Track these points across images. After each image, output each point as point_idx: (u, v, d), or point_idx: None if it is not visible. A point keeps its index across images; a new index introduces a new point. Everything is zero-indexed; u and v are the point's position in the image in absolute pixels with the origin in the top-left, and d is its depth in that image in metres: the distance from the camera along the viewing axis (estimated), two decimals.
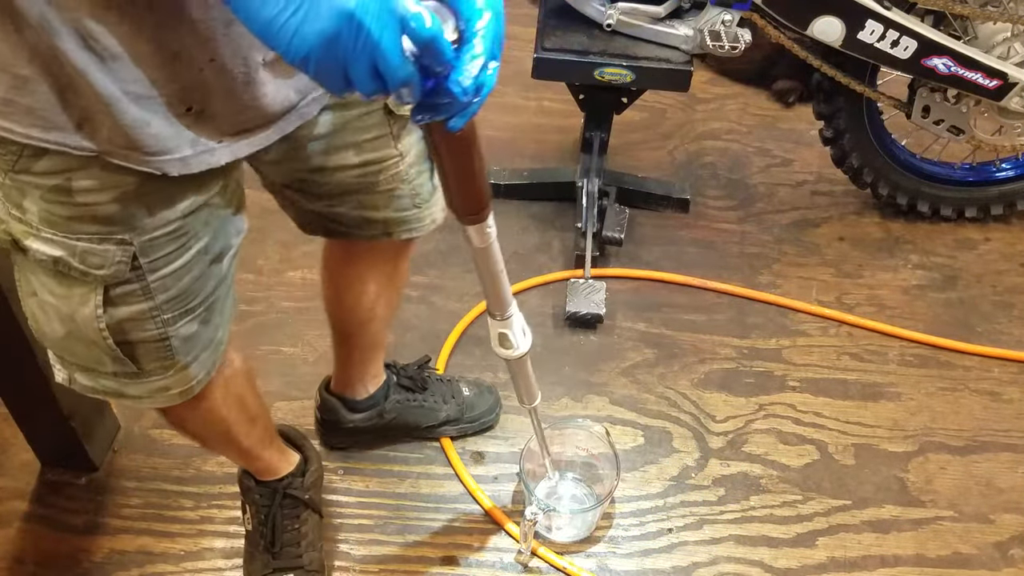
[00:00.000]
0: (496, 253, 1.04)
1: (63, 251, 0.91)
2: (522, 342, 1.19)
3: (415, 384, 1.70)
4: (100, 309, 0.96)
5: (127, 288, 0.96)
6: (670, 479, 1.72)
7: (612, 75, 1.90)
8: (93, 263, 0.93)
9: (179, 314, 1.02)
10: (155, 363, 1.05)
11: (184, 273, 0.99)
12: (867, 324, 2.00)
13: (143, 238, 0.93)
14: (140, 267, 0.95)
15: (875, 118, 2.06)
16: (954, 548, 1.65)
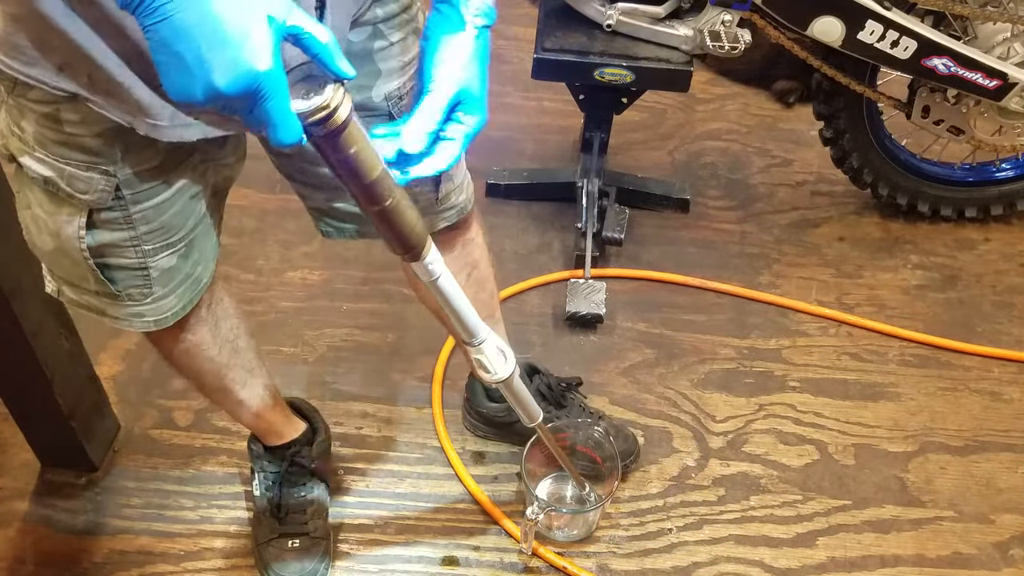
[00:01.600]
0: (447, 285, 1.00)
1: (53, 172, 0.96)
2: (500, 367, 1.11)
3: (552, 398, 1.67)
4: (83, 231, 1.01)
5: (110, 215, 1.01)
6: (670, 479, 1.72)
7: (612, 75, 1.90)
8: (79, 187, 0.97)
9: (160, 246, 1.07)
10: (133, 289, 1.09)
11: (166, 208, 1.04)
12: (867, 324, 2.00)
13: (125, 172, 0.98)
14: (123, 197, 1.00)
15: (875, 118, 2.06)
16: (954, 548, 1.65)
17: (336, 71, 0.73)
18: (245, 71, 0.66)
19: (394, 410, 1.79)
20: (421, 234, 0.91)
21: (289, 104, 0.70)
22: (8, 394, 1.55)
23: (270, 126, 0.70)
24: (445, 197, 1.24)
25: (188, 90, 0.67)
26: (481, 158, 2.30)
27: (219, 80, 0.66)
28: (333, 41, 0.72)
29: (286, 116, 0.70)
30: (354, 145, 0.77)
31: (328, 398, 1.79)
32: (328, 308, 1.94)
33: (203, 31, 0.65)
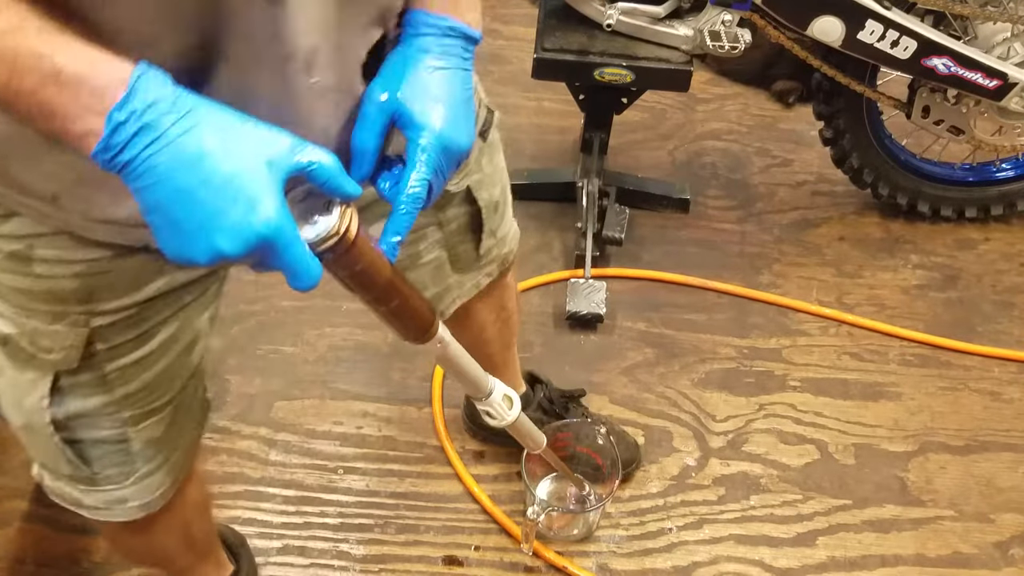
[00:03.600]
0: (454, 352, 0.96)
1: (13, 328, 0.83)
2: (507, 413, 1.11)
3: (553, 409, 1.65)
4: (46, 399, 0.86)
5: (80, 378, 0.86)
6: (670, 479, 1.72)
7: (612, 75, 1.90)
8: (42, 345, 0.83)
9: (142, 414, 0.91)
10: (111, 468, 0.94)
11: (149, 364, 0.89)
12: (868, 324, 1.99)
13: (102, 321, 0.84)
14: (96, 353, 0.85)
15: (875, 118, 2.06)
16: (954, 548, 1.65)
17: (345, 194, 0.68)
18: (251, 232, 0.61)
19: (394, 410, 1.79)
20: (429, 318, 0.87)
21: (303, 249, 0.65)
22: None
23: (285, 274, 0.65)
24: (487, 252, 1.19)
25: (187, 254, 0.62)
26: None
27: (223, 244, 0.61)
28: (336, 163, 0.67)
29: (301, 262, 0.65)
30: (363, 258, 0.73)
31: (328, 397, 1.79)
32: (328, 307, 1.94)
33: (200, 193, 0.60)
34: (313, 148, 0.66)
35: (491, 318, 1.35)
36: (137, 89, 0.59)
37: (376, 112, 0.79)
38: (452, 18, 0.81)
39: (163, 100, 0.60)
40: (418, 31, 0.81)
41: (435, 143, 0.79)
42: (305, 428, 1.74)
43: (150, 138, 0.59)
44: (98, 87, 0.59)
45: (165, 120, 0.60)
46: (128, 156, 0.60)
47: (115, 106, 0.59)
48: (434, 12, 0.81)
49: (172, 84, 0.61)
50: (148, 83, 0.60)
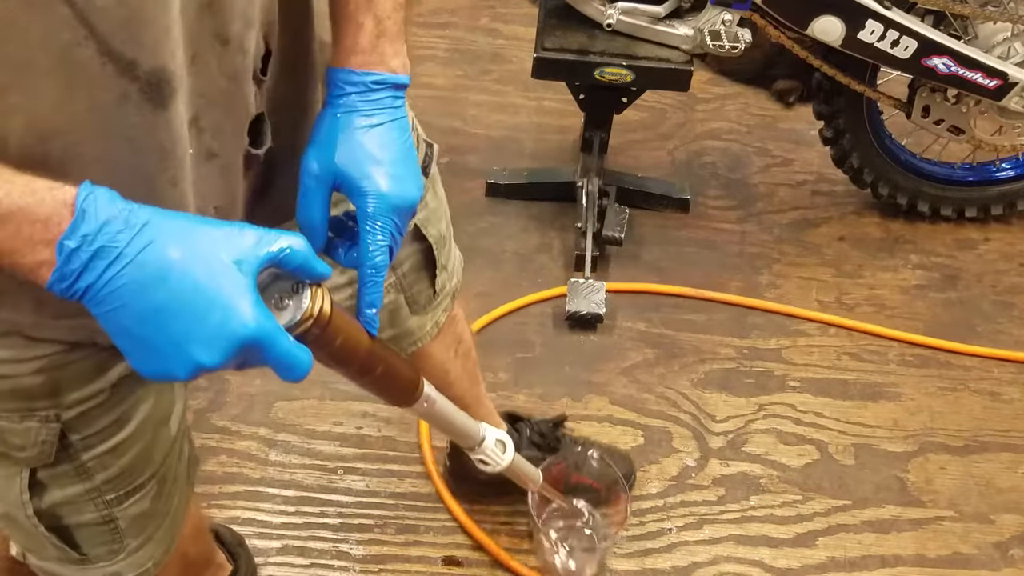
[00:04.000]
0: (441, 408, 0.93)
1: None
2: (502, 457, 1.06)
3: (546, 443, 1.59)
4: (25, 495, 0.82)
5: (57, 470, 0.82)
6: (670, 479, 1.72)
7: (612, 75, 1.90)
8: (13, 443, 0.79)
9: (125, 493, 0.88)
10: (100, 547, 0.91)
11: (127, 447, 0.85)
12: (869, 329, 1.98)
13: (72, 413, 0.79)
14: (71, 445, 0.81)
15: (875, 118, 2.06)
16: (954, 548, 1.65)
17: (318, 275, 0.66)
18: (231, 338, 0.59)
19: (394, 410, 1.79)
20: (414, 380, 0.85)
21: (288, 342, 0.63)
22: None
23: (275, 369, 0.63)
24: (442, 287, 1.14)
25: (165, 371, 0.60)
26: (481, 158, 2.30)
27: (203, 356, 0.59)
28: (305, 244, 0.65)
29: (289, 355, 0.62)
30: (341, 333, 0.71)
31: (328, 398, 1.79)
32: None
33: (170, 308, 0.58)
34: (279, 235, 0.63)
35: (450, 355, 1.29)
36: (86, 211, 0.57)
37: (315, 184, 0.77)
38: (376, 71, 0.78)
39: (115, 218, 0.57)
40: (343, 91, 0.78)
41: (385, 207, 0.76)
42: (305, 428, 1.74)
43: (108, 260, 0.57)
44: (41, 216, 0.56)
45: (121, 239, 0.57)
46: (87, 282, 0.57)
47: (64, 234, 0.56)
48: (356, 69, 0.78)
49: (120, 200, 0.59)
50: (96, 203, 0.57)
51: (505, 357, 1.88)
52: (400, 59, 0.80)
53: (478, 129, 2.40)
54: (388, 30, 0.79)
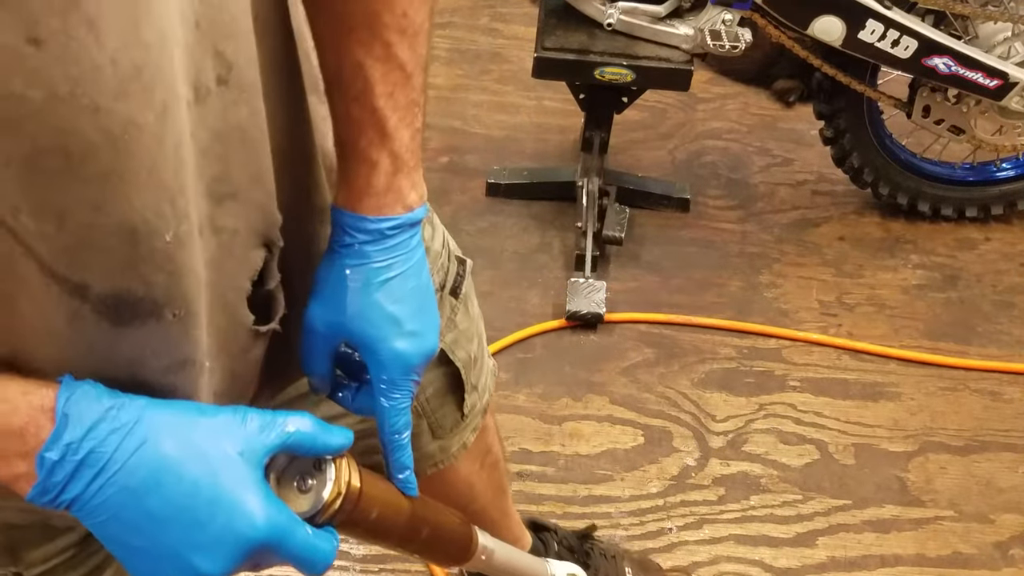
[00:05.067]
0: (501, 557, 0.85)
1: None
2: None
3: (575, 557, 1.45)
4: None
5: None
6: (670, 479, 1.72)
7: (612, 74, 1.90)
8: None
9: None
10: None
11: None
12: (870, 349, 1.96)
13: (35, 571, 0.71)
14: None
15: (876, 118, 2.06)
16: (954, 548, 1.65)
17: (335, 450, 0.60)
18: (239, 542, 0.54)
19: None
20: (466, 535, 0.77)
21: (306, 535, 0.57)
22: None
23: (294, 565, 0.58)
24: (470, 409, 1.01)
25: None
26: (481, 158, 2.30)
27: (206, 565, 0.53)
28: (314, 422, 0.59)
29: (308, 550, 0.57)
30: (375, 506, 0.64)
31: None
32: None
33: (165, 514, 0.52)
34: (284, 417, 0.58)
35: (475, 468, 1.15)
36: (68, 417, 0.51)
37: (322, 343, 0.70)
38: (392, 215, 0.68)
39: (102, 421, 0.52)
40: (353, 238, 0.67)
41: (403, 369, 0.69)
42: None
43: (95, 469, 0.51)
44: (16, 427, 0.50)
45: (109, 443, 0.51)
46: (72, 494, 0.51)
47: (45, 445, 0.50)
48: (370, 215, 0.67)
49: (107, 395, 0.53)
50: (79, 406, 0.51)
51: (506, 356, 1.88)
52: (418, 190, 0.70)
53: (478, 129, 2.40)
54: (406, 163, 0.68)
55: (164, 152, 0.52)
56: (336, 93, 0.67)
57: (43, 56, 0.44)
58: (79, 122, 0.47)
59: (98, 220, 0.50)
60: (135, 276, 0.53)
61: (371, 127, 0.67)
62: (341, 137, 0.68)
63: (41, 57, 0.44)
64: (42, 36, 0.44)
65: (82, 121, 0.47)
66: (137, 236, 0.52)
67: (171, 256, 0.54)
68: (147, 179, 0.51)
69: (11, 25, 0.43)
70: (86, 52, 0.46)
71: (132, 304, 0.54)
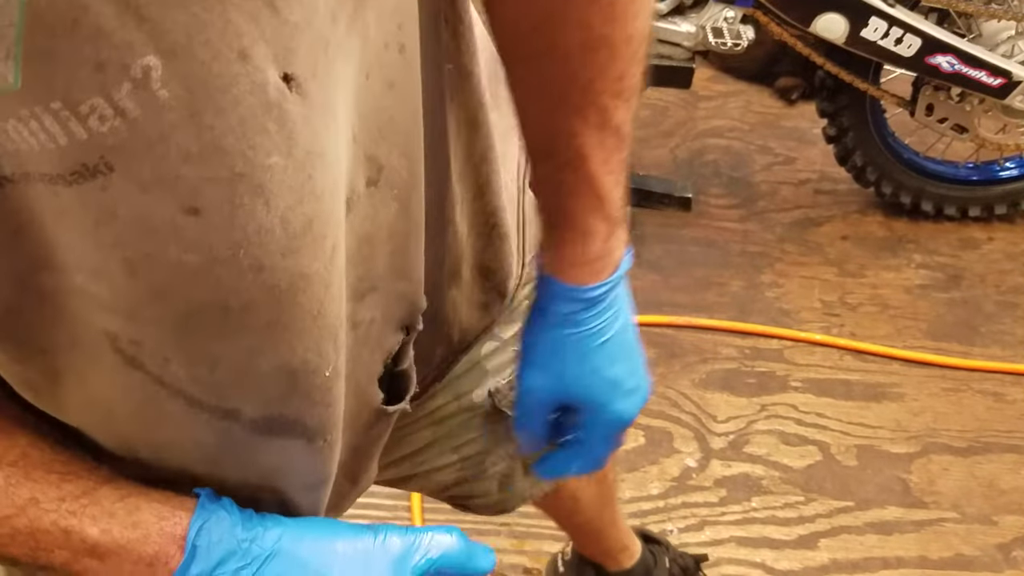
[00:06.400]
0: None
1: None
2: None
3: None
4: None
5: None
6: (671, 480, 1.71)
7: None
8: None
9: None
10: None
11: None
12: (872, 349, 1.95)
13: None
14: None
15: (879, 116, 2.05)
16: (957, 550, 1.64)
17: (481, 572, 0.58)
18: None
19: None
20: None
21: None
22: None
23: None
24: None
25: None
26: None
27: None
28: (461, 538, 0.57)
29: None
30: None
31: None
32: None
33: None
34: (430, 535, 0.55)
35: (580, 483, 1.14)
36: (197, 549, 0.49)
37: (540, 407, 0.69)
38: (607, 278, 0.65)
39: (234, 553, 0.50)
40: (570, 308, 0.66)
41: (620, 425, 0.70)
42: None
43: None
44: (146, 556, 0.49)
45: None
46: None
47: None
48: (584, 284, 0.65)
49: (241, 523, 0.51)
50: (211, 536, 0.50)
51: None
52: (624, 242, 0.67)
53: None
54: (618, 223, 0.65)
55: (331, 295, 0.49)
56: (546, 161, 0.64)
57: (202, 225, 0.41)
58: (241, 281, 0.44)
59: (255, 364, 0.48)
60: (290, 408, 0.52)
61: (586, 194, 0.63)
62: (551, 204, 0.65)
63: (200, 226, 0.41)
64: (202, 206, 0.41)
65: (245, 280, 0.44)
66: (296, 376, 0.50)
67: (329, 389, 0.52)
68: (311, 324, 0.49)
69: (166, 198, 0.40)
70: (252, 217, 0.42)
71: (285, 425, 0.52)
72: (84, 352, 0.46)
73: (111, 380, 0.48)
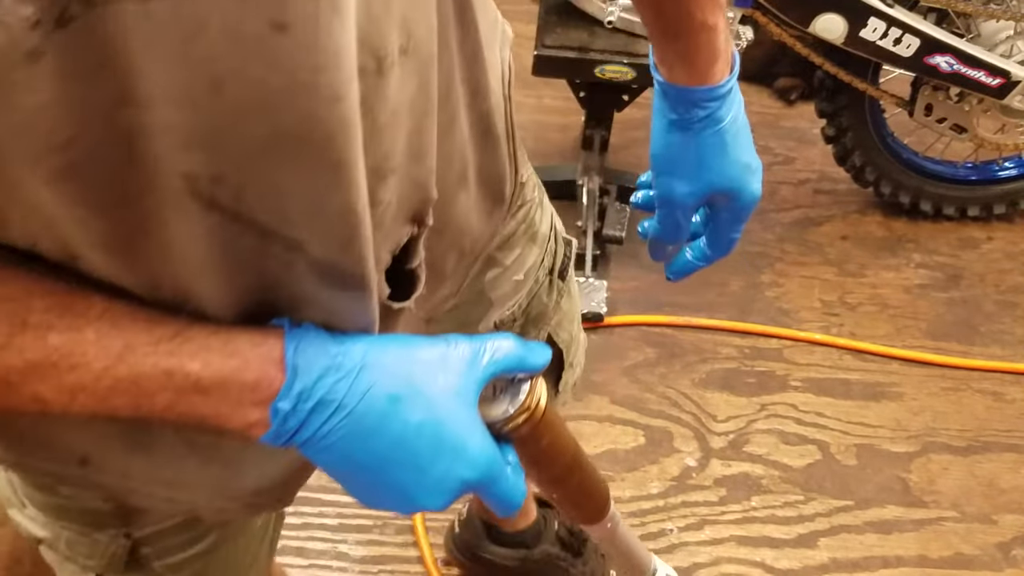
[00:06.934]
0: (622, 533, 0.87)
1: (47, 532, 0.75)
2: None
3: (571, 545, 1.47)
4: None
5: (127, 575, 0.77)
6: (671, 479, 1.71)
7: (613, 72, 1.89)
8: (81, 552, 0.75)
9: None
10: None
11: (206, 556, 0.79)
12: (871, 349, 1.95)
13: (144, 531, 0.74)
14: (143, 556, 0.76)
15: (877, 116, 2.05)
16: (956, 549, 1.64)
17: (536, 369, 0.61)
18: (458, 483, 0.56)
19: None
20: (606, 496, 0.79)
21: (510, 481, 0.59)
22: None
23: (487, 502, 0.60)
24: (564, 385, 1.09)
25: (384, 508, 0.58)
26: None
27: (426, 502, 0.56)
28: (517, 341, 0.60)
29: (507, 495, 0.59)
30: (550, 432, 0.65)
31: None
32: None
33: (392, 457, 0.54)
34: (492, 340, 0.58)
35: None
36: (298, 368, 0.52)
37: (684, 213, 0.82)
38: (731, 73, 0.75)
39: (330, 370, 0.53)
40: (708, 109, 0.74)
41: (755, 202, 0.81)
42: None
43: (325, 415, 0.52)
44: (249, 381, 0.52)
45: (338, 390, 0.53)
46: (303, 438, 0.53)
47: (278, 396, 0.51)
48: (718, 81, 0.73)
49: (331, 341, 0.54)
50: (307, 356, 0.52)
51: None
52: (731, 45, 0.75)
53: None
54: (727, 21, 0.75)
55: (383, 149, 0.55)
56: None
57: (288, 42, 0.44)
58: (320, 110, 0.47)
59: (324, 201, 0.52)
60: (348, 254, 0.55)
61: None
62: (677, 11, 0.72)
63: (286, 43, 0.44)
64: (289, 21, 0.43)
65: (323, 110, 0.47)
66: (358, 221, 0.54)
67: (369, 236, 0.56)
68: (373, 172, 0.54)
69: (257, 9, 0.43)
70: (331, 38, 0.45)
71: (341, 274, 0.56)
72: (163, 200, 0.48)
73: (189, 227, 0.49)
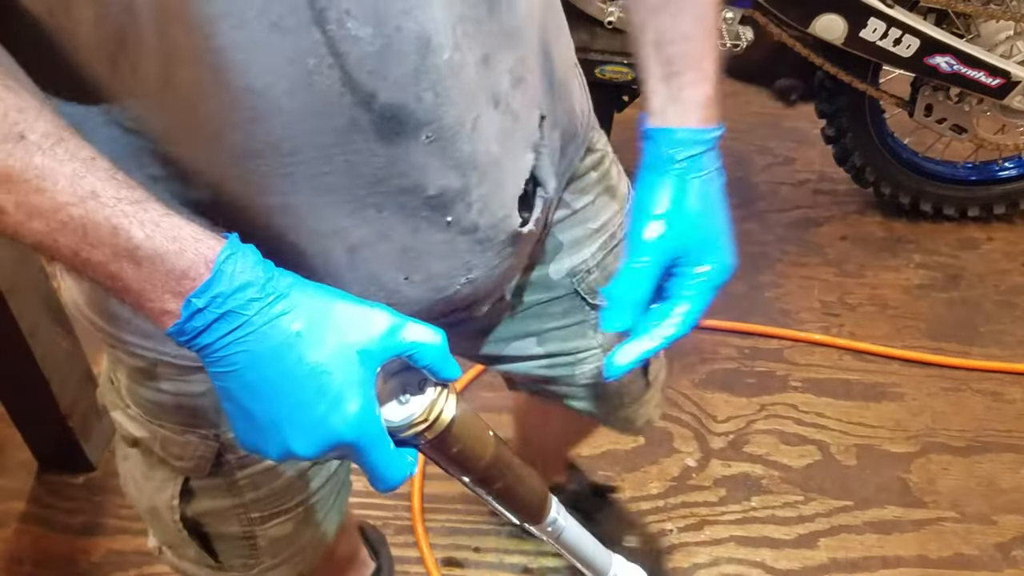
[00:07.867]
0: (571, 537, 0.88)
1: (145, 432, 0.82)
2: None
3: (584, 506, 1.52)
4: (176, 500, 0.84)
5: (210, 482, 0.84)
6: (671, 479, 1.71)
7: (613, 73, 1.89)
8: (173, 452, 0.82)
9: (270, 514, 0.88)
10: (236, 559, 0.91)
11: (282, 471, 0.85)
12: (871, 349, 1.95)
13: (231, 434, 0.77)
14: (227, 462, 0.82)
15: (877, 117, 2.06)
16: (956, 549, 1.64)
17: (445, 378, 0.61)
18: (330, 434, 0.56)
19: None
20: (541, 496, 0.79)
21: (388, 451, 0.59)
22: (5, 394, 1.55)
23: (366, 473, 0.60)
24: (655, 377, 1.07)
25: (258, 447, 0.58)
26: None
27: (296, 445, 0.57)
28: (442, 342, 0.60)
29: (384, 466, 0.59)
30: (457, 443, 0.65)
31: None
32: None
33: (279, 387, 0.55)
34: (416, 326, 0.59)
35: None
36: (223, 272, 0.54)
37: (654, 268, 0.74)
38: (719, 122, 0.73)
39: (251, 285, 0.54)
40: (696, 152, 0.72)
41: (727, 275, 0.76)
42: None
43: (231, 327, 0.54)
44: (177, 268, 0.54)
45: (251, 308, 0.54)
46: (205, 342, 0.54)
47: (194, 291, 0.53)
48: (707, 126, 0.72)
49: (263, 265, 0.56)
50: (235, 265, 0.54)
51: None
52: None
53: None
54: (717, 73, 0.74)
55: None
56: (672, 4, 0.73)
57: None
58: None
59: (405, 25, 0.58)
60: (413, 90, 0.61)
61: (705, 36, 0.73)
62: (672, 53, 0.73)
63: None
64: None
65: None
66: (428, 48, 0.60)
67: (443, 76, 0.61)
68: None
69: None
70: None
71: (403, 119, 0.61)
72: None
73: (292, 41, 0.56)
